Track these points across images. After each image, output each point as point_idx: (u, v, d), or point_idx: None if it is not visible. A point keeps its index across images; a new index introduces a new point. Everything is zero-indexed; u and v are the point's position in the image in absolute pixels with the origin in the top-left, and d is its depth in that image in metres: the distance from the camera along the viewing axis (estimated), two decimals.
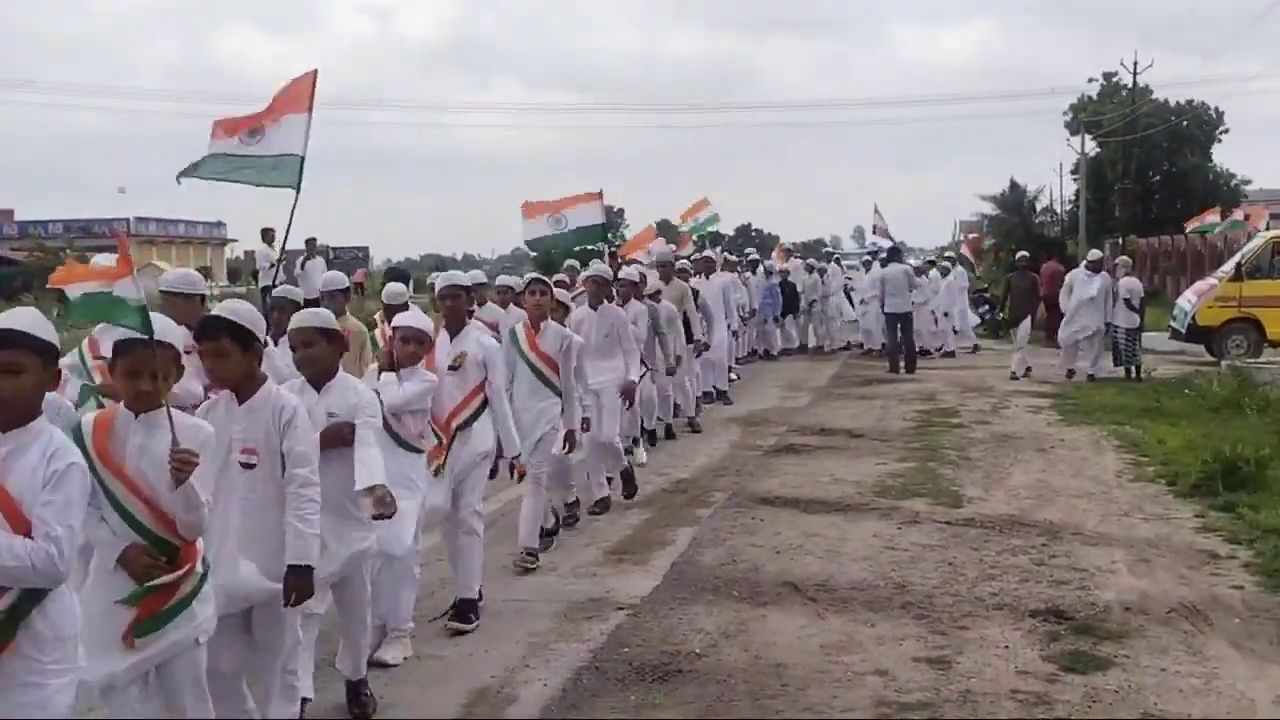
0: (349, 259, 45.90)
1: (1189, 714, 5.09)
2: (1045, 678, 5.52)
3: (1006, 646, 5.94)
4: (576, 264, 14.77)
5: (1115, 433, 12.46)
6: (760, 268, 22.11)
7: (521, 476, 7.05)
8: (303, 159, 8.50)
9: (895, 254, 20.67)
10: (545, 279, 7.98)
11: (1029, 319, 18.90)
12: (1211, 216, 32.74)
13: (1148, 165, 51.13)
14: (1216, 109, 53.47)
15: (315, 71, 8.78)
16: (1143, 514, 8.82)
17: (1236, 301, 20.34)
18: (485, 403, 6.68)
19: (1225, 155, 56.55)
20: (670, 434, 12.95)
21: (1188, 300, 21.11)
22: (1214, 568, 7.36)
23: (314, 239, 20.65)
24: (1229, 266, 21.20)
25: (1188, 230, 32.96)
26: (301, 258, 20.00)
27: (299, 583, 4.35)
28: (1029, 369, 18.13)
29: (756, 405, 15.50)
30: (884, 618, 6.44)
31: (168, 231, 65.69)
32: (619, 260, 15.36)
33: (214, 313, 4.55)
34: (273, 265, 19.46)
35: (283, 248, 9.63)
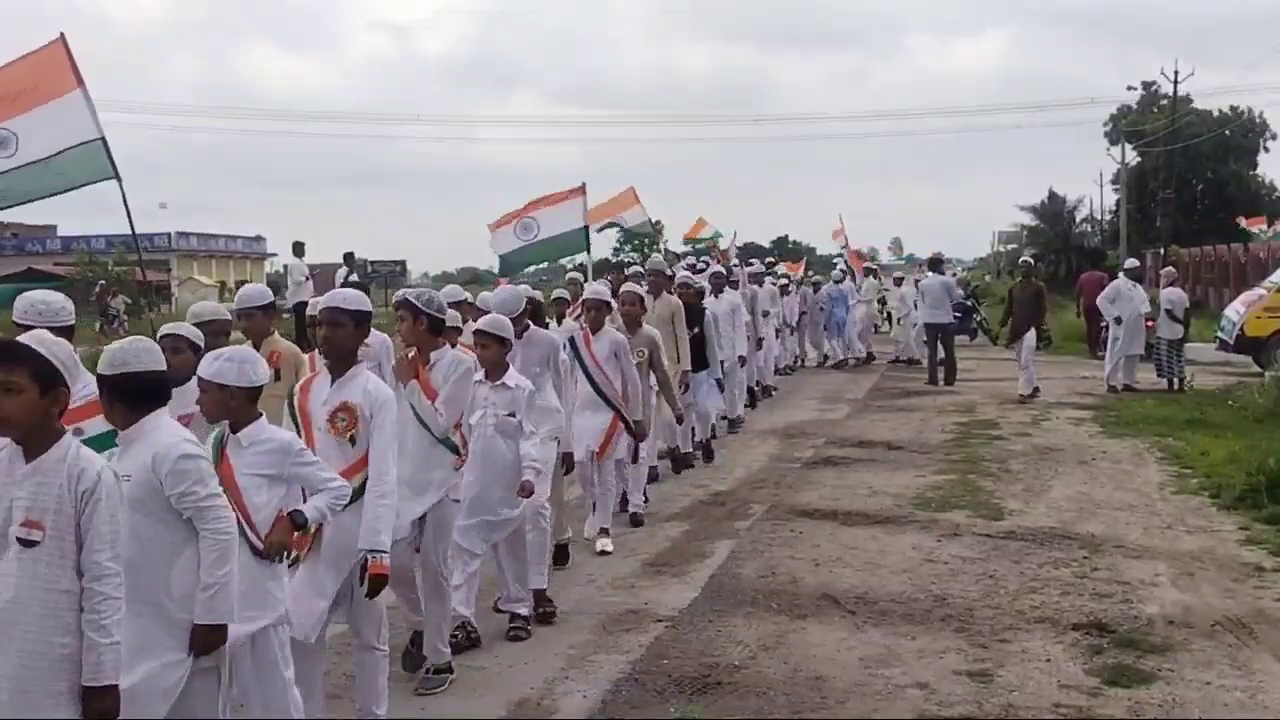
0: (386, 273, 46.16)
1: None
2: (1088, 691, 5.48)
3: (1049, 660, 5.90)
4: (580, 276, 12.17)
5: (1158, 444, 12.34)
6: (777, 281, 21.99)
7: (377, 583, 4.84)
8: (104, 139, 7.42)
9: (936, 265, 20.59)
10: (411, 301, 5.81)
11: (1033, 332, 17.32)
12: (1257, 225, 32.30)
13: (1190, 174, 50.71)
14: (1261, 115, 52.97)
15: (61, 38, 7.47)
16: (1186, 526, 8.74)
17: None
18: None
19: (1271, 164, 55.80)
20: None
21: (1235, 311, 20.87)
22: (1259, 580, 7.27)
23: (351, 253, 20.82)
24: (1277, 277, 20.96)
25: (1246, 226, 32.38)
26: (341, 271, 20.18)
27: (100, 707, 3.39)
28: (1037, 389, 16.86)
29: (794, 417, 15.46)
30: (924, 630, 6.41)
31: (209, 246, 66.40)
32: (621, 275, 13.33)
33: (20, 340, 3.68)
34: (307, 278, 19.68)
35: (135, 242, 8.64)
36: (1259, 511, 8.90)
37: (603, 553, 8.27)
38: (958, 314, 18.84)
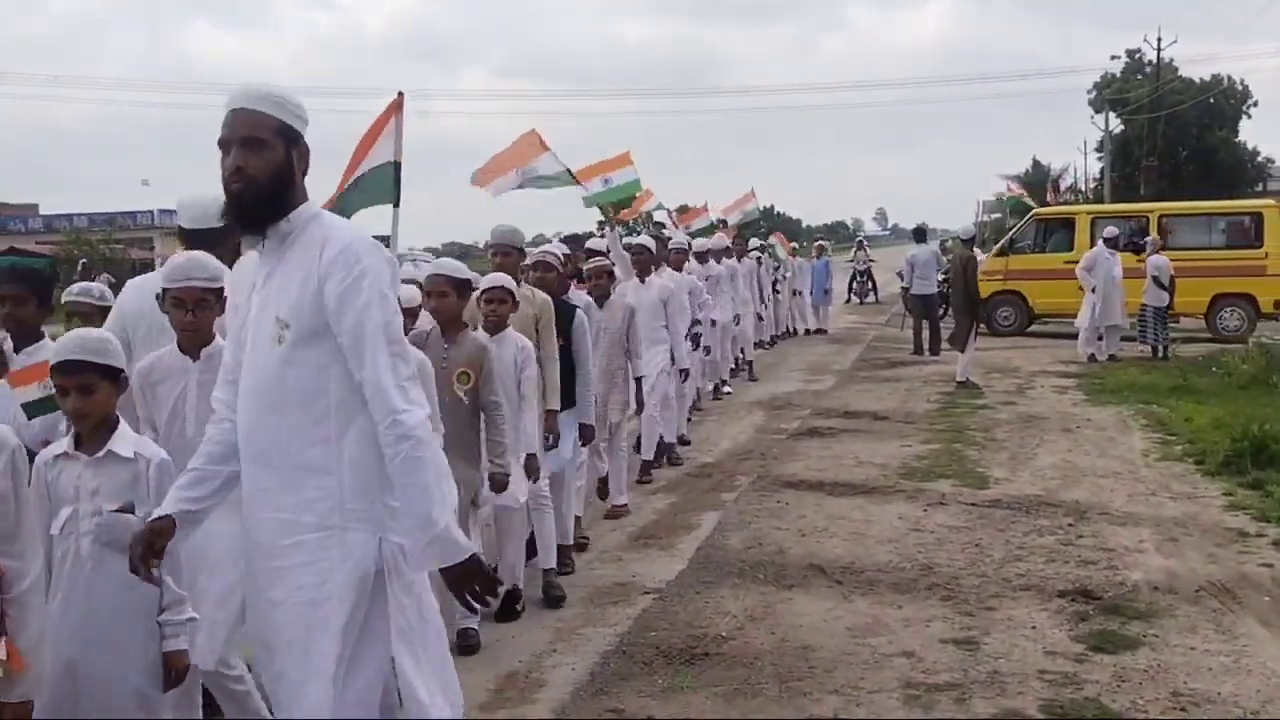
0: None
1: (1218, 693, 5.07)
2: (1073, 658, 5.51)
3: (1034, 627, 5.93)
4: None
5: (1142, 412, 12.39)
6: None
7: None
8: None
9: (920, 235, 20.63)
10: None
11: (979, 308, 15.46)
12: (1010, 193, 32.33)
13: (1175, 141, 50.70)
14: (1243, 82, 52.97)
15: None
16: (1170, 493, 8.78)
17: (1002, 275, 21.37)
18: None
19: (1252, 131, 55.60)
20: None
21: None
22: (1242, 546, 7.32)
23: None
24: (998, 246, 22.28)
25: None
26: None
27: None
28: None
29: (780, 388, 15.48)
30: (910, 599, 6.44)
31: None
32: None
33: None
34: None
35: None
36: (1243, 477, 8.96)
37: None
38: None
